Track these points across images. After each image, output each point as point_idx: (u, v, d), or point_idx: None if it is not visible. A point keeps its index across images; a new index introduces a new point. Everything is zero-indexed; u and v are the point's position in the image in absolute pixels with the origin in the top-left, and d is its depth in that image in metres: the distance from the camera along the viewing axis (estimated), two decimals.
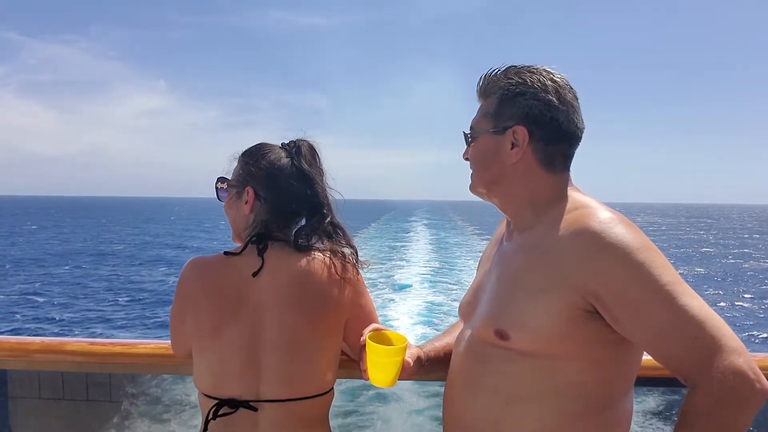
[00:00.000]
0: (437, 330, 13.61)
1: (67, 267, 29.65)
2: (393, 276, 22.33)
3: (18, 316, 17.44)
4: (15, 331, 15.38)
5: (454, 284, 20.55)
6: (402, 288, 19.80)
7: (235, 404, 1.44)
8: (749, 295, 22.56)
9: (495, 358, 1.31)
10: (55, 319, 17.15)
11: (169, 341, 1.67)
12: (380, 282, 20.28)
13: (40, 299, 20.05)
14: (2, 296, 20.67)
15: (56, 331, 15.82)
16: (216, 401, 1.45)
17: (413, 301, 17.41)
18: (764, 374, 1.10)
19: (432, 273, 23.96)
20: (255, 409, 1.44)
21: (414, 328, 14.26)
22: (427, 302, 17.46)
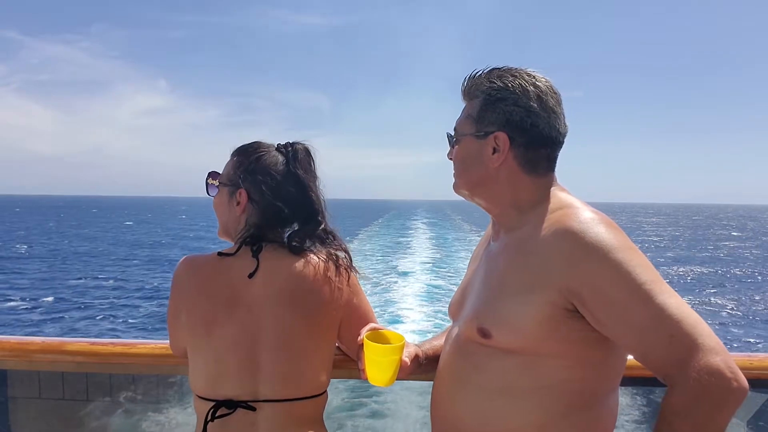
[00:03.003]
0: (436, 309, 15.01)
1: (110, 260, 30.06)
2: (397, 266, 24.89)
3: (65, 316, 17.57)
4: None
5: (452, 273, 22.16)
6: (405, 274, 21.99)
7: (232, 405, 1.44)
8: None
9: (480, 356, 1.32)
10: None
11: (168, 341, 1.68)
12: (386, 270, 23.03)
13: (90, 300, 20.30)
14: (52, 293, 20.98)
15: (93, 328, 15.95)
16: (213, 403, 1.45)
17: (415, 285, 19.38)
18: (744, 374, 1.10)
19: (433, 262, 26.30)
20: (254, 409, 1.44)
21: (416, 301, 16.45)
22: (428, 285, 19.46)
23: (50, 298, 20.19)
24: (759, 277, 28.33)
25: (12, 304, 19.36)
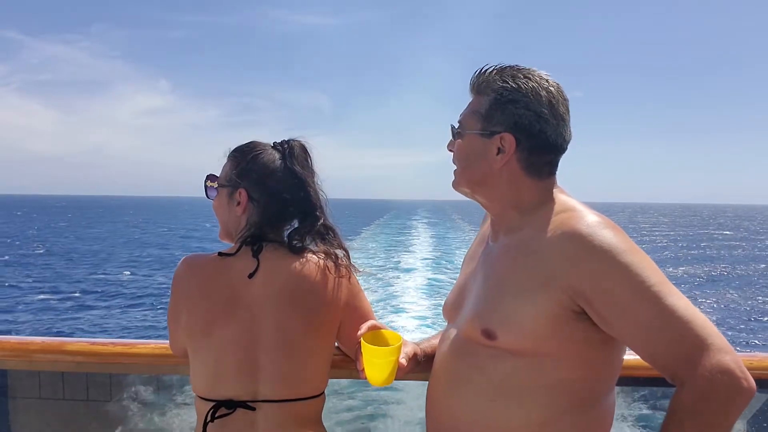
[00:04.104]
0: (437, 302, 15.42)
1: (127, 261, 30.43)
2: (399, 262, 26.16)
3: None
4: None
5: (453, 269, 22.90)
6: (408, 270, 23.17)
7: (232, 405, 1.45)
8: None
9: (481, 357, 1.32)
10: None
11: (168, 341, 1.68)
12: (388, 267, 24.24)
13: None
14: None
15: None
16: (213, 403, 1.45)
17: (417, 279, 20.69)
18: (752, 374, 1.11)
19: (433, 259, 27.40)
20: (253, 409, 1.45)
21: (418, 294, 17.53)
22: (429, 279, 20.73)
23: (77, 294, 20.71)
24: (745, 274, 28.81)
25: (41, 297, 19.93)
